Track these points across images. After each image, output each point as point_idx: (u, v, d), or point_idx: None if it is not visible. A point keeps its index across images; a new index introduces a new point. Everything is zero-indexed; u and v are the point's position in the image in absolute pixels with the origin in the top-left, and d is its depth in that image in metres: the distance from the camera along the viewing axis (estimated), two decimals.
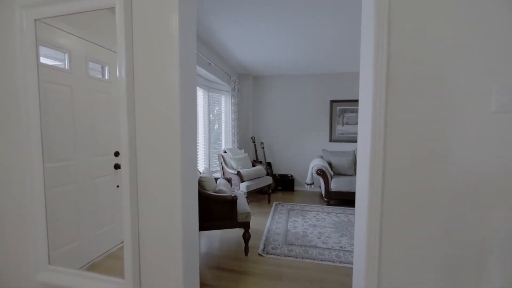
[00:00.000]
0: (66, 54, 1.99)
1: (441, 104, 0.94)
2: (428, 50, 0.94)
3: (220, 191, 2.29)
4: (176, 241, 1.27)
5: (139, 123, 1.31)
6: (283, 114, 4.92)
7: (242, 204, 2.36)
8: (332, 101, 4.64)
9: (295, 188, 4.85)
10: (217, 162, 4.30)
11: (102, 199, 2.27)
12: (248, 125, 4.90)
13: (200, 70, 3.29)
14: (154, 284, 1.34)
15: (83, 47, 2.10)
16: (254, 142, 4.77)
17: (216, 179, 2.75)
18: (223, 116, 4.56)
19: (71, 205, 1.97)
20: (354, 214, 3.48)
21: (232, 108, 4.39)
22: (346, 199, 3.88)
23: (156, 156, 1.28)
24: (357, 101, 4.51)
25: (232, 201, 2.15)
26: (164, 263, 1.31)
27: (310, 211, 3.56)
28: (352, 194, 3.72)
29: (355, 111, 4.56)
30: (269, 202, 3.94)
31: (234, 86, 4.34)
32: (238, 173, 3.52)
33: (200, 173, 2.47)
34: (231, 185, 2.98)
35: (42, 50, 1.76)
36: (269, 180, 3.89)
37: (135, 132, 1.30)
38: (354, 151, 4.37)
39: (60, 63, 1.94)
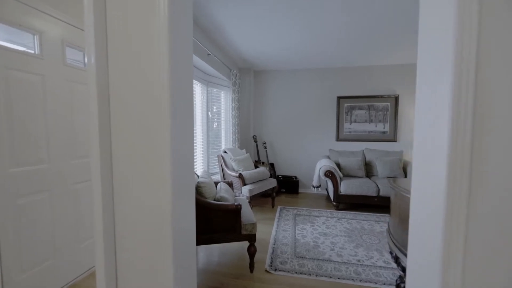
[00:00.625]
0: (35, 36, 1.64)
1: None
2: None
3: (221, 198, 1.98)
4: (165, 253, 0.96)
5: (115, 115, 0.98)
6: (286, 111, 4.60)
7: (247, 213, 2.05)
8: (339, 98, 4.33)
9: (300, 190, 4.55)
10: (217, 164, 3.97)
11: (83, 208, 1.94)
12: (249, 123, 4.57)
13: (198, 61, 2.96)
14: None
15: (58, 28, 1.75)
16: (255, 141, 4.45)
17: (216, 183, 2.43)
18: (222, 114, 4.23)
19: (44, 217, 1.64)
20: (366, 220, 3.19)
21: (233, 104, 4.06)
22: (356, 203, 3.59)
23: (139, 152, 0.96)
24: (366, 97, 4.22)
25: (236, 210, 1.84)
26: (150, 283, 1.00)
27: (318, 216, 3.26)
28: (363, 198, 3.43)
29: (364, 108, 4.26)
30: (273, 206, 3.63)
31: (235, 81, 4.01)
32: (240, 176, 3.21)
33: (198, 177, 2.15)
34: (232, 190, 2.66)
35: (4, 30, 1.43)
36: (273, 183, 3.58)
37: (109, 125, 0.98)
38: (363, 150, 4.08)
39: (31, 50, 1.61)
